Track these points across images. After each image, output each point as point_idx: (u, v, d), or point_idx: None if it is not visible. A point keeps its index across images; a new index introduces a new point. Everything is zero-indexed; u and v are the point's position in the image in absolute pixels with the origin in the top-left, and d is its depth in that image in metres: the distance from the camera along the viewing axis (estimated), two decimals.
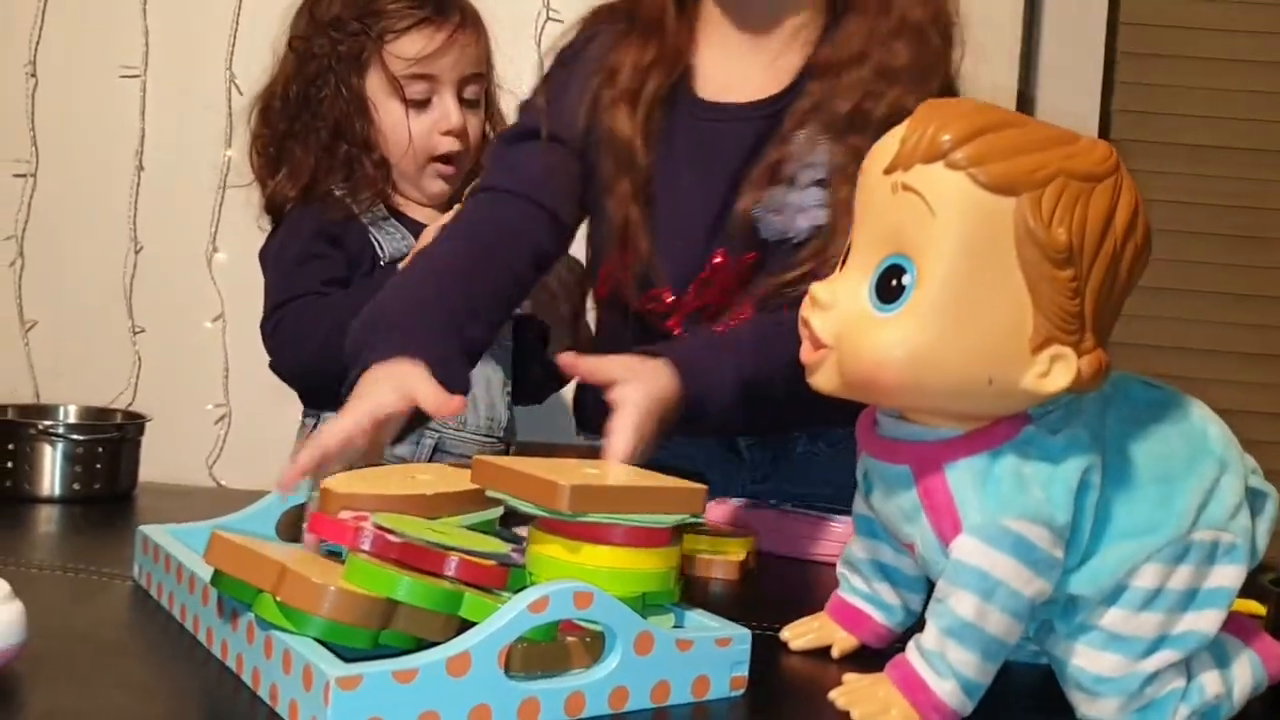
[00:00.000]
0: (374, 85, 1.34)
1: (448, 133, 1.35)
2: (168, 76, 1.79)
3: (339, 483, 0.73)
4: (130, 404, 1.77)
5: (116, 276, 1.80)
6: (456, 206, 1.18)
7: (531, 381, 1.38)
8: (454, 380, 0.90)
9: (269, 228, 1.40)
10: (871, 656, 0.75)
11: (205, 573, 0.67)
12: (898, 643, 0.74)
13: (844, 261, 0.69)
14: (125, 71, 1.78)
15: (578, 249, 1.18)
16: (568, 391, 1.29)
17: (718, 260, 1.07)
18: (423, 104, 1.35)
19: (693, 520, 0.69)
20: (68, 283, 1.81)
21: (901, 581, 0.77)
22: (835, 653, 0.77)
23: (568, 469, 0.70)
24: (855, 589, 0.79)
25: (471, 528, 0.71)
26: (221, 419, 1.79)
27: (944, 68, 1.06)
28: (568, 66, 1.12)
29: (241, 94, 1.72)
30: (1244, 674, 0.71)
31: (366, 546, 0.59)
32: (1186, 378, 1.85)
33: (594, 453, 0.88)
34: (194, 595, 0.69)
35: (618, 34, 1.09)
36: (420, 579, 0.59)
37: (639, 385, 0.90)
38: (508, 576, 0.65)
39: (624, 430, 0.85)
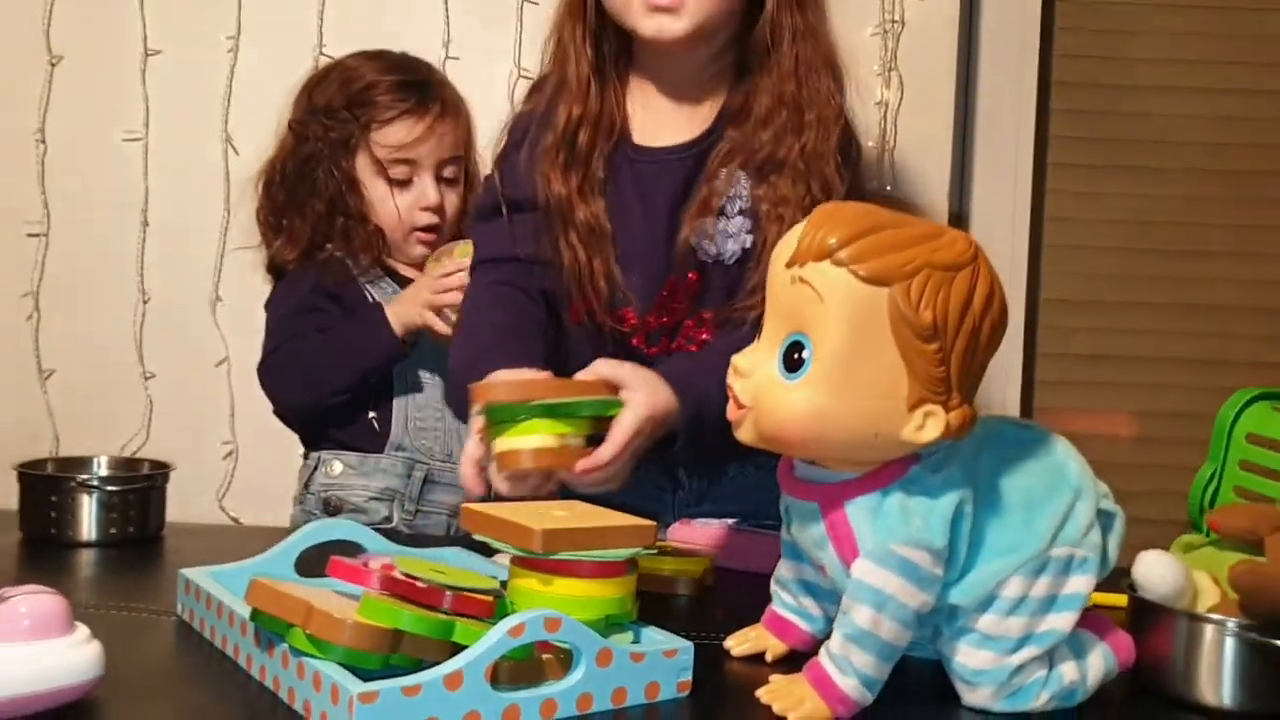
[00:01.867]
0: (362, 166, 1.50)
1: (426, 209, 1.52)
2: (168, 140, 1.90)
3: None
4: (144, 444, 1.90)
5: (127, 326, 1.91)
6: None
7: None
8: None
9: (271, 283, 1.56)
10: (800, 660, 0.88)
11: (243, 610, 0.82)
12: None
13: (759, 335, 0.84)
14: (128, 136, 1.90)
15: None
16: None
17: (670, 282, 1.23)
18: (405, 184, 1.51)
19: (644, 552, 0.84)
20: (81, 334, 1.92)
21: (822, 596, 0.92)
22: (769, 657, 0.92)
23: (540, 513, 0.85)
24: (785, 603, 0.94)
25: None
26: (229, 455, 1.92)
27: (841, 113, 1.22)
28: (515, 139, 1.28)
29: (238, 154, 1.85)
30: (1097, 663, 0.86)
31: (376, 587, 0.75)
32: (1133, 383, 2.03)
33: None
34: (234, 628, 0.84)
35: (549, 103, 1.25)
36: (421, 612, 0.74)
37: (646, 393, 1.05)
38: (495, 608, 0.80)
39: (626, 427, 1.01)
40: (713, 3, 1.18)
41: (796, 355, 0.79)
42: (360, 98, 1.51)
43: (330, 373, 1.46)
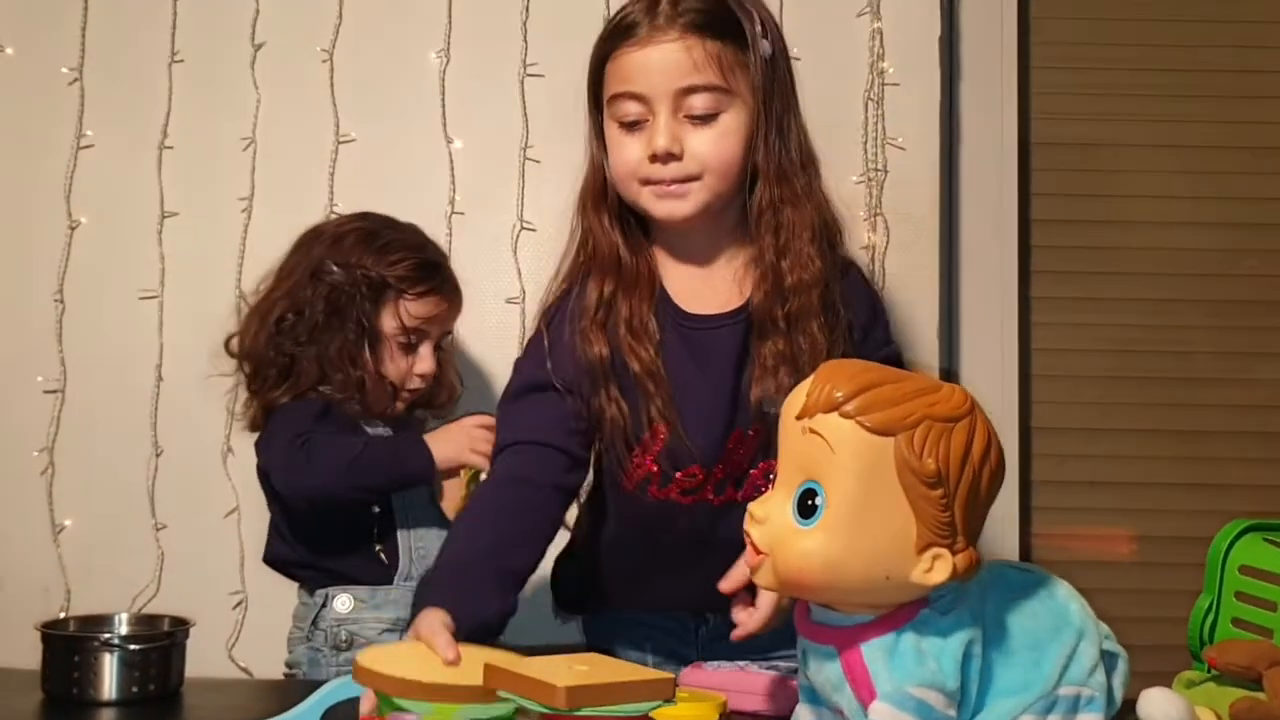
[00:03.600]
0: (385, 323, 1.57)
1: (422, 374, 1.59)
2: (183, 297, 1.96)
3: (367, 659, 0.93)
4: (154, 595, 1.92)
5: (140, 479, 1.94)
6: None
7: None
8: (479, 614, 1.11)
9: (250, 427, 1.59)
10: None
11: None
12: None
13: (774, 483, 0.88)
14: (144, 294, 1.96)
15: None
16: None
17: (735, 435, 1.28)
18: (410, 348, 1.58)
19: (663, 704, 0.87)
20: (94, 487, 1.94)
21: None
22: None
23: (562, 668, 0.88)
24: None
25: None
26: (239, 604, 1.94)
27: (820, 277, 1.27)
28: (552, 322, 1.31)
29: None
30: None
31: None
32: (1128, 509, 2.05)
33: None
34: None
35: (584, 281, 1.31)
36: None
37: None
38: None
39: (765, 608, 1.11)
40: (714, 185, 1.25)
41: (810, 502, 0.83)
42: (386, 259, 1.57)
43: (365, 468, 1.49)
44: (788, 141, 1.27)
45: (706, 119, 1.24)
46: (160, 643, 1.27)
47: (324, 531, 1.54)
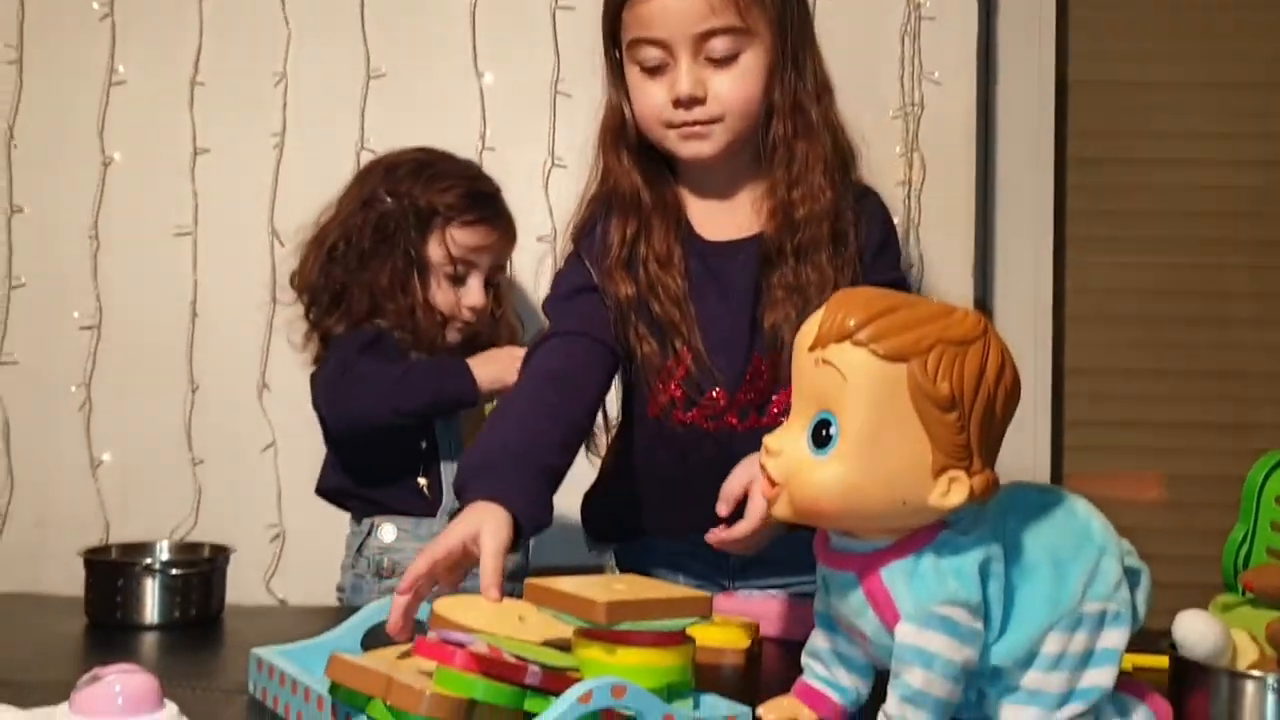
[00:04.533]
0: (433, 252, 1.58)
1: (472, 308, 1.60)
2: (216, 234, 1.98)
3: (445, 606, 0.94)
4: (192, 528, 1.95)
5: (177, 414, 1.97)
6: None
7: None
8: (537, 516, 1.11)
9: (313, 361, 1.60)
10: None
11: (319, 686, 0.86)
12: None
13: (789, 415, 0.88)
14: (179, 231, 1.98)
15: None
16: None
17: (756, 360, 1.29)
18: (459, 280, 1.59)
19: (700, 621, 0.88)
20: (132, 423, 1.97)
21: (854, 668, 0.94)
22: None
23: (601, 586, 0.89)
24: (817, 674, 0.96)
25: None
26: (276, 538, 1.97)
27: (831, 208, 1.28)
28: (582, 241, 1.34)
29: (284, 245, 1.91)
30: None
31: (460, 664, 0.78)
32: (1162, 448, 2.04)
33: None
34: (310, 704, 0.88)
35: (607, 217, 1.32)
36: (492, 682, 0.78)
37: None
38: (572, 684, 0.83)
39: (754, 517, 1.10)
40: (736, 125, 1.27)
41: (825, 432, 0.83)
42: (435, 187, 1.58)
43: (405, 392, 1.50)
44: (804, 74, 1.29)
45: (727, 61, 1.25)
46: (201, 568, 1.30)
47: (371, 463, 1.57)
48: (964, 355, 0.82)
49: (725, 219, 1.33)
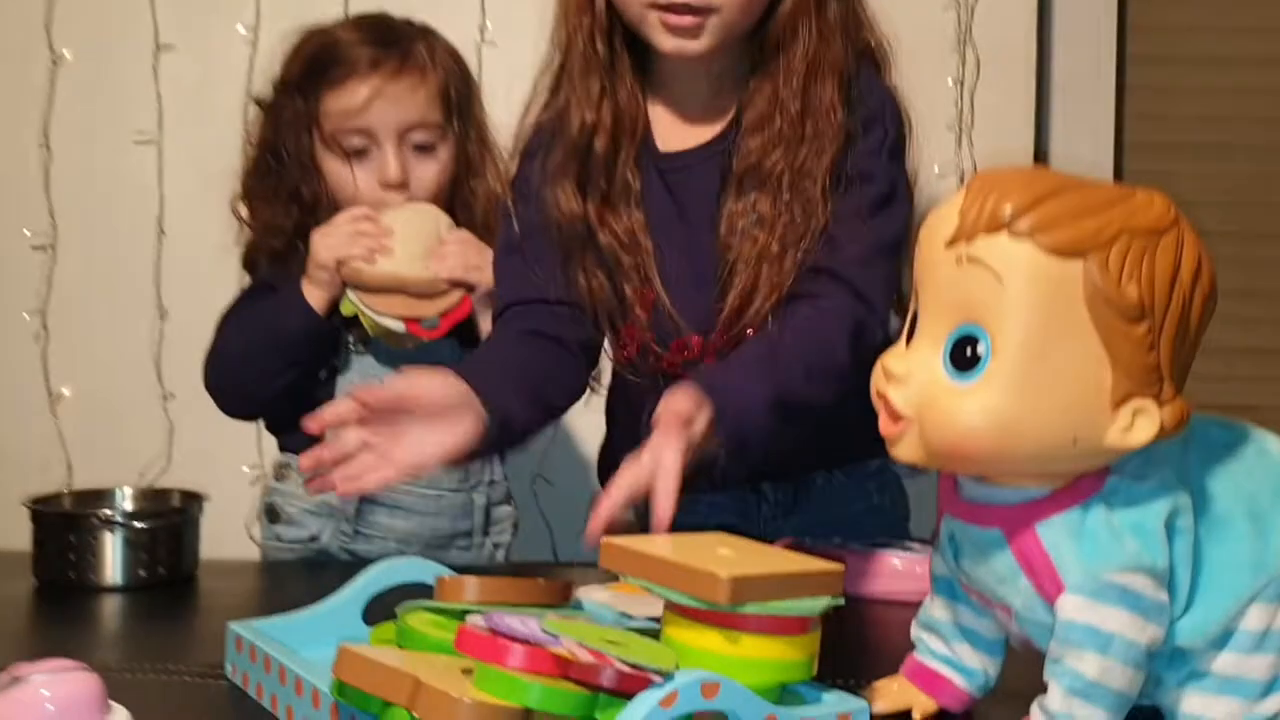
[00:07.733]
0: (318, 142, 1.31)
1: (387, 185, 1.29)
2: (184, 142, 1.81)
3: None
4: (164, 470, 1.80)
5: (144, 344, 1.82)
6: None
7: None
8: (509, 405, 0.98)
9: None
10: None
11: (318, 679, 0.68)
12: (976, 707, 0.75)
13: (909, 333, 0.70)
14: (139, 138, 1.81)
15: None
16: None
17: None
18: (362, 155, 1.30)
19: (834, 602, 0.70)
20: (95, 354, 1.83)
21: (982, 644, 0.77)
22: (917, 716, 0.78)
23: (705, 551, 0.70)
24: (934, 652, 0.79)
25: None
26: (256, 480, 1.80)
27: (841, 129, 1.07)
28: (530, 153, 1.14)
29: None
30: None
31: (518, 664, 0.59)
32: (1225, 376, 1.91)
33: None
34: (303, 699, 0.70)
35: (561, 115, 1.11)
36: (551, 684, 0.60)
37: (663, 406, 0.93)
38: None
39: (667, 442, 0.90)
40: (733, 20, 1.05)
41: (970, 351, 0.66)
42: (320, 64, 1.30)
43: (252, 356, 1.28)
44: None
45: None
46: (170, 519, 1.13)
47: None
48: (1154, 250, 0.65)
49: (684, 125, 1.13)
